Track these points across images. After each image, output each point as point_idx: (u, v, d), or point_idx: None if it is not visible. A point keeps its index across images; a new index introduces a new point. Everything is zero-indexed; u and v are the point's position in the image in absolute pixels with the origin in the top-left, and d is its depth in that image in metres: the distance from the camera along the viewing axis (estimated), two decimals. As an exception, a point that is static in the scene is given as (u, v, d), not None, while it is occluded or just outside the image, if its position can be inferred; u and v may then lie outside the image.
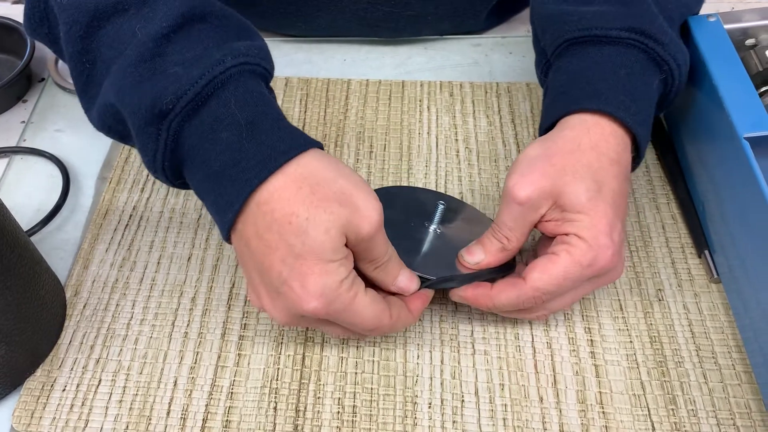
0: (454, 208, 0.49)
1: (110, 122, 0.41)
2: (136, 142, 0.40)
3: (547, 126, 0.45)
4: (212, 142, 0.38)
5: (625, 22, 0.44)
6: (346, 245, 0.39)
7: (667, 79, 0.45)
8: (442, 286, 0.44)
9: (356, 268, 0.40)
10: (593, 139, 0.42)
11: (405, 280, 0.42)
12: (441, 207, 0.47)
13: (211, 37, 0.40)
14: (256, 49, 0.41)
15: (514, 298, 0.42)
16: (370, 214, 0.38)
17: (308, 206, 0.37)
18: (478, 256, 0.44)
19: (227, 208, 0.38)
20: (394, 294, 0.43)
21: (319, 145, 0.40)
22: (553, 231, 0.42)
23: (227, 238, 0.40)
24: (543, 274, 0.41)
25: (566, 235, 0.41)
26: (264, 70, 0.41)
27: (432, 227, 0.47)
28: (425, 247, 0.45)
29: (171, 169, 0.40)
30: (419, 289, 0.43)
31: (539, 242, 0.46)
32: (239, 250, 0.40)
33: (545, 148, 0.42)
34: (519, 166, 0.42)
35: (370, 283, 0.41)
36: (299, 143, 0.39)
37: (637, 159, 0.45)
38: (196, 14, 0.40)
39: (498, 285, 0.43)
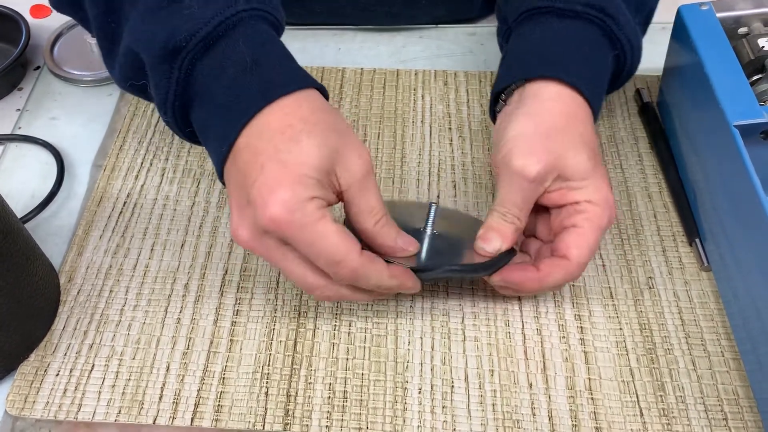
0: (449, 215, 0.49)
1: (130, 72, 0.43)
2: (151, 81, 0.42)
3: (499, 90, 0.47)
4: (219, 78, 0.40)
5: None
6: (332, 185, 0.39)
7: (619, 57, 0.46)
8: (448, 276, 0.44)
9: (354, 229, 0.41)
10: (573, 110, 0.44)
11: (406, 238, 0.42)
12: (434, 207, 0.46)
13: None
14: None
15: (563, 276, 0.43)
16: (362, 152, 0.40)
17: (306, 122, 0.39)
18: (495, 242, 0.43)
19: (225, 137, 0.39)
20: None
21: (322, 88, 0.42)
22: (558, 201, 0.43)
23: (221, 168, 0.41)
24: (580, 249, 0.42)
25: (576, 203, 0.43)
26: (275, 19, 0.43)
27: (427, 231, 0.45)
28: (425, 247, 0.44)
29: (180, 109, 0.42)
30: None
31: (537, 222, 0.46)
32: (228, 177, 0.41)
33: (537, 124, 0.43)
34: (518, 145, 0.43)
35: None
36: (301, 80, 0.41)
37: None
38: None
39: (544, 268, 0.43)
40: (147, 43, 0.41)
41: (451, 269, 0.43)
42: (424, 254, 0.44)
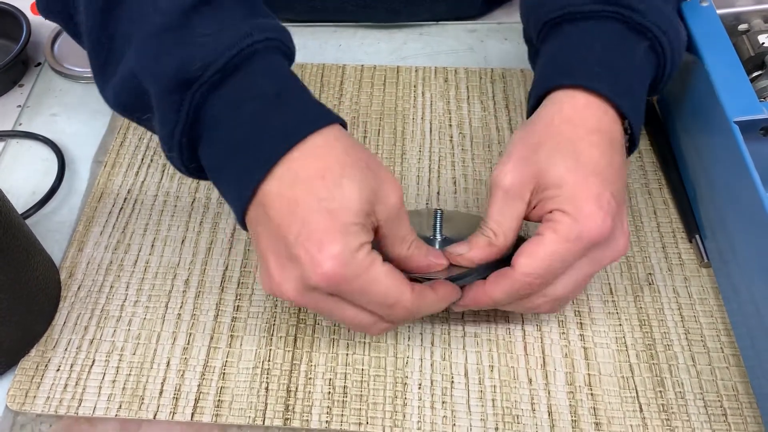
0: (451, 217, 0.48)
1: (127, 98, 0.40)
2: (156, 113, 0.39)
3: (529, 110, 0.44)
4: (237, 112, 0.37)
5: None
6: (372, 223, 0.37)
7: (655, 47, 0.43)
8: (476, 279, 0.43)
9: (385, 255, 0.39)
10: (566, 114, 0.41)
11: (434, 252, 0.41)
12: (439, 213, 0.45)
13: (237, 13, 0.39)
14: (279, 27, 0.40)
15: (507, 288, 0.40)
16: (396, 186, 0.38)
17: (343, 164, 0.36)
18: (461, 248, 0.41)
19: (247, 180, 0.37)
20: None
21: (344, 122, 0.39)
22: (539, 214, 0.40)
23: (243, 213, 0.38)
24: (529, 258, 0.39)
25: (549, 213, 0.39)
26: (288, 49, 0.41)
27: (437, 238, 0.45)
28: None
29: (188, 144, 0.39)
30: None
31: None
32: (255, 223, 0.38)
33: (525, 132, 0.42)
34: (504, 154, 0.42)
35: None
36: (326, 116, 0.38)
37: (630, 133, 0.43)
38: None
39: (490, 279, 0.41)
40: (154, 71, 0.37)
41: (479, 271, 0.42)
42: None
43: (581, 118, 0.40)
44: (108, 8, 0.39)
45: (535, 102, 0.44)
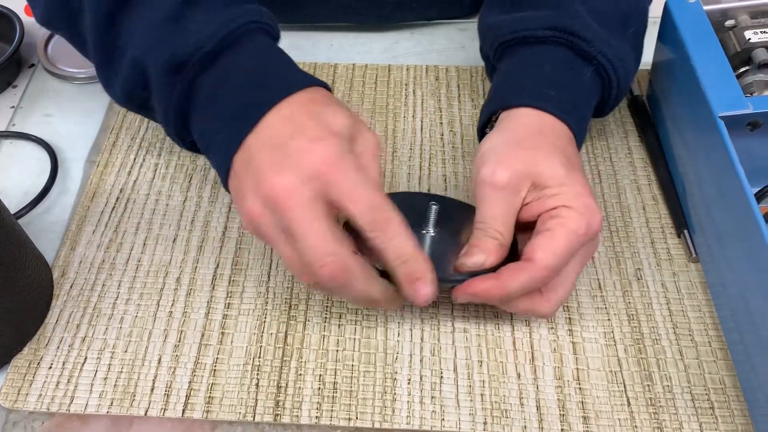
0: (448, 206, 0.47)
1: (134, 86, 0.44)
2: (154, 93, 0.43)
3: (480, 125, 0.48)
4: (223, 87, 0.42)
5: (550, 22, 0.46)
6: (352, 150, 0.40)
7: (600, 72, 0.47)
8: (443, 286, 0.42)
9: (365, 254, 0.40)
10: (547, 124, 0.44)
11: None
12: (434, 208, 0.45)
13: (224, 2, 0.44)
14: (263, 11, 0.45)
15: (525, 280, 0.40)
16: (374, 134, 0.42)
17: (327, 99, 0.41)
18: (478, 257, 0.41)
19: (232, 140, 0.40)
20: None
21: (327, 86, 0.43)
22: (537, 211, 0.42)
23: (226, 176, 0.41)
24: (547, 252, 0.40)
25: (553, 209, 0.41)
26: (271, 28, 0.45)
27: (429, 232, 0.44)
28: (427, 251, 0.43)
29: (182, 120, 0.44)
30: None
31: (520, 243, 0.45)
32: (241, 170, 0.40)
33: (507, 138, 0.43)
34: (487, 157, 0.42)
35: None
36: (308, 80, 0.42)
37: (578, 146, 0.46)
38: None
39: (505, 272, 0.41)
40: (154, 54, 0.42)
41: (454, 279, 0.42)
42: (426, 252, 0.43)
43: (555, 131, 0.44)
44: (113, 12, 0.44)
45: (486, 118, 0.47)
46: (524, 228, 0.43)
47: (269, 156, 0.39)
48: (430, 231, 0.44)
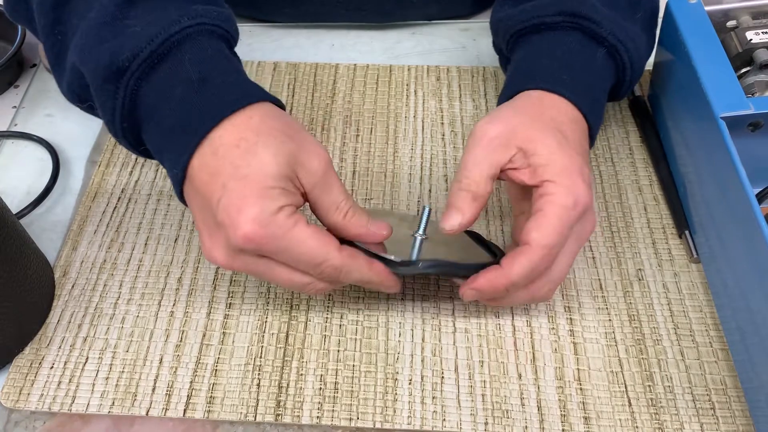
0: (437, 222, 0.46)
1: (77, 89, 0.43)
2: (96, 101, 0.41)
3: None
4: (166, 99, 0.39)
5: (559, 8, 0.47)
6: (296, 188, 0.39)
7: (612, 53, 0.47)
8: (429, 273, 0.43)
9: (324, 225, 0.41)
10: (548, 103, 0.44)
11: (378, 223, 0.42)
12: (428, 209, 0.44)
13: (172, 2, 0.41)
14: (216, 12, 0.42)
15: (526, 263, 0.40)
16: (319, 151, 0.40)
17: (258, 132, 0.38)
18: (453, 218, 0.42)
19: (178, 159, 0.39)
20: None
21: (276, 101, 0.41)
22: (525, 180, 0.41)
23: (180, 192, 0.41)
24: (540, 230, 0.40)
25: (540, 186, 0.41)
26: (224, 31, 0.42)
27: (419, 234, 0.43)
28: (415, 251, 0.43)
29: (131, 131, 0.41)
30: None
31: (514, 225, 0.46)
32: (189, 200, 0.40)
33: (513, 107, 0.44)
34: (488, 116, 0.44)
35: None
36: (251, 94, 0.40)
37: (591, 131, 0.46)
38: None
39: (506, 260, 0.41)
40: (91, 62, 0.40)
41: (430, 265, 0.42)
42: (414, 256, 0.42)
43: (559, 109, 0.44)
44: (59, 5, 0.42)
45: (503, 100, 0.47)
46: (518, 212, 0.45)
47: (202, 216, 0.40)
48: (422, 234, 0.43)
